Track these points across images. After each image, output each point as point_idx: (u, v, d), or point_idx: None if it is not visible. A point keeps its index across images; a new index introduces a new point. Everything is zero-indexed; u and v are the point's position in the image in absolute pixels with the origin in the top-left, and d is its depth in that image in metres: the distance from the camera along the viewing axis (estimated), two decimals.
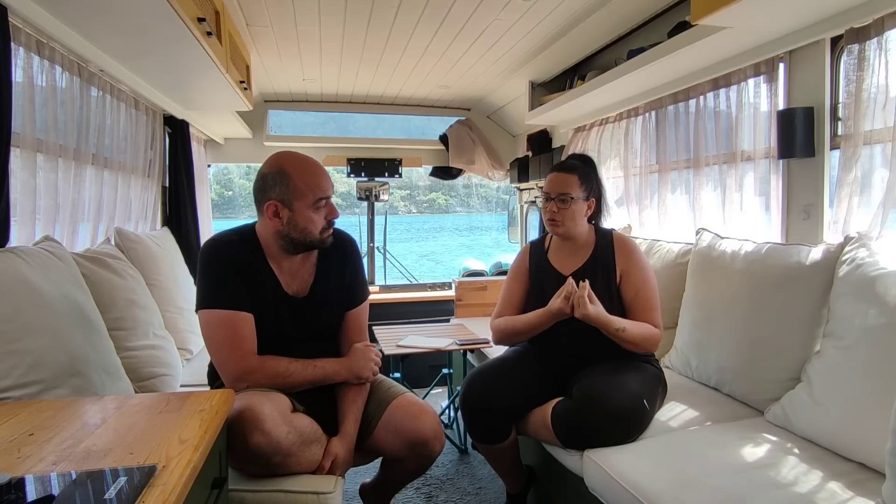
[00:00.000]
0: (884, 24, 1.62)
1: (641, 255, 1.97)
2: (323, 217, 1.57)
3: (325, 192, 1.56)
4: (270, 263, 1.60)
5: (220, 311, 1.50)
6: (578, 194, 1.93)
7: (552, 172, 1.99)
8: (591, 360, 1.88)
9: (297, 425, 1.43)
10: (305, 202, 1.54)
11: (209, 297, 1.52)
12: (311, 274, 1.66)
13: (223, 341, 1.51)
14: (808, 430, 1.56)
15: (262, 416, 1.33)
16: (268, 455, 1.35)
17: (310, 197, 1.54)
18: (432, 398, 3.45)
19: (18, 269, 1.43)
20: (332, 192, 1.59)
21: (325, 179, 1.58)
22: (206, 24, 1.89)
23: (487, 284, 3.62)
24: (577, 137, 3.46)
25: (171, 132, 3.00)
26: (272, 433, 1.34)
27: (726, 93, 2.26)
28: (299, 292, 1.63)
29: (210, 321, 1.52)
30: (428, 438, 1.61)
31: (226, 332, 1.50)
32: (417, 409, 1.64)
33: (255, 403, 1.34)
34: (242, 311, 1.52)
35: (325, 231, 1.59)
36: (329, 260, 1.68)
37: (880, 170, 1.71)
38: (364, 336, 1.74)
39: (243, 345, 1.51)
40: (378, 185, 4.60)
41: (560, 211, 1.92)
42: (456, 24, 2.66)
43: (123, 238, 2.32)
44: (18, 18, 1.61)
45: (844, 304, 1.58)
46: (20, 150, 1.72)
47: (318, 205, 1.55)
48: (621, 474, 1.49)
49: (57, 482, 0.85)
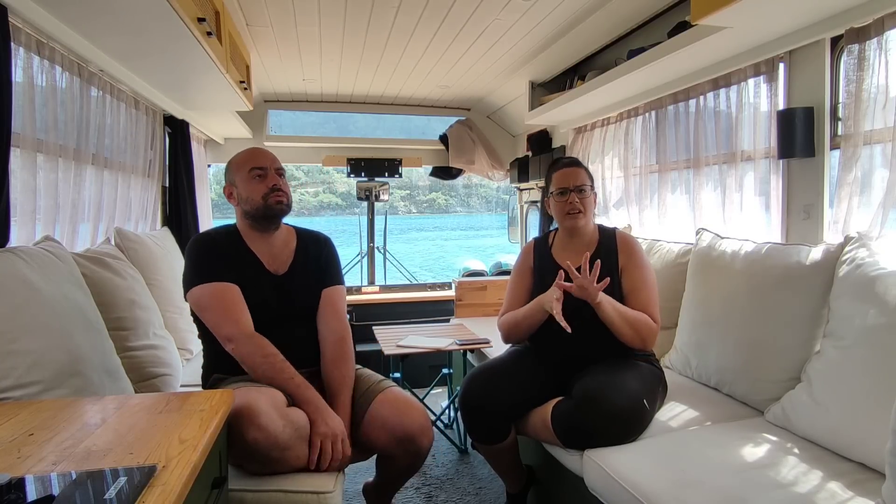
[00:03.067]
0: (884, 24, 1.62)
1: (643, 253, 1.99)
2: (265, 185, 1.72)
3: (258, 163, 1.75)
4: (251, 246, 1.77)
5: (209, 283, 1.64)
6: (590, 185, 1.99)
7: (562, 168, 2.02)
8: (591, 359, 1.88)
9: (293, 418, 1.46)
10: (242, 175, 1.75)
11: (197, 276, 1.66)
12: (290, 256, 1.81)
13: (217, 306, 1.63)
14: (808, 430, 1.56)
15: (257, 411, 1.35)
16: (266, 449, 1.37)
17: (245, 168, 1.75)
18: (432, 398, 3.45)
19: (18, 268, 1.43)
20: (268, 164, 1.75)
21: (262, 154, 1.77)
22: (206, 24, 1.89)
23: (487, 284, 3.63)
24: (578, 137, 3.46)
25: (171, 132, 3.00)
26: (269, 427, 1.36)
27: (726, 93, 2.27)
28: (279, 270, 1.78)
29: (201, 294, 1.64)
30: (415, 434, 1.64)
31: (218, 299, 1.63)
32: (404, 404, 1.67)
33: (250, 400, 1.37)
34: (230, 283, 1.65)
35: (269, 196, 1.72)
36: (306, 247, 1.85)
37: (880, 170, 1.71)
38: (342, 319, 1.80)
39: (235, 308, 1.63)
40: (378, 185, 4.60)
41: (581, 201, 1.96)
42: (456, 24, 2.66)
43: (123, 238, 2.32)
44: (18, 18, 1.61)
45: (844, 304, 1.58)
46: (20, 150, 1.72)
47: (252, 174, 1.73)
48: (621, 474, 1.49)
49: (57, 482, 0.85)
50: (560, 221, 2.02)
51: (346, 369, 1.70)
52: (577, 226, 1.98)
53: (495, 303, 3.51)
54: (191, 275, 1.67)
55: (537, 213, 4.23)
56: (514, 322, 1.98)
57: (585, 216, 1.98)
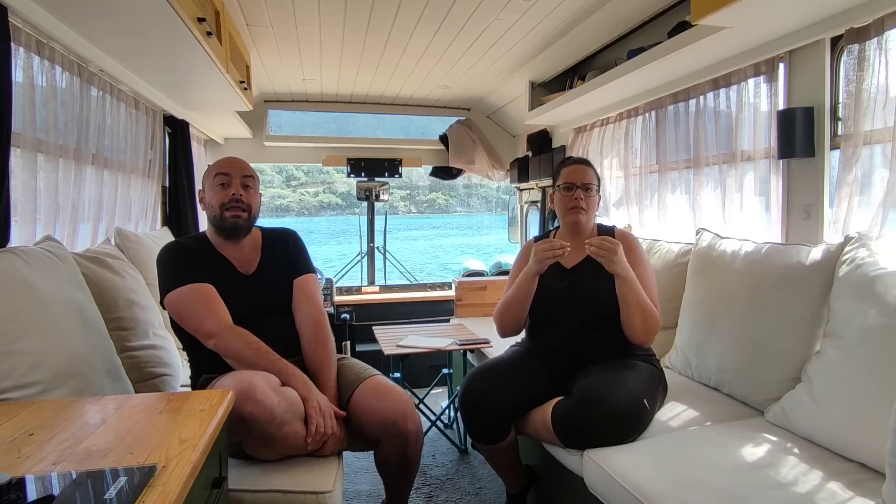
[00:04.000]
0: (884, 24, 1.62)
1: (642, 250, 2.00)
2: (226, 194, 1.73)
3: (224, 169, 1.75)
4: (220, 251, 1.80)
5: (185, 286, 1.66)
6: (595, 186, 2.00)
7: (572, 165, 2.04)
8: (591, 359, 1.88)
9: (287, 395, 1.51)
10: (210, 182, 1.77)
11: (171, 281, 1.67)
12: (258, 256, 1.85)
13: (195, 305, 1.64)
14: (808, 430, 1.56)
15: (253, 386, 1.40)
16: (263, 424, 1.40)
17: (212, 174, 1.77)
18: (432, 398, 3.45)
19: (18, 269, 1.43)
20: (234, 172, 1.75)
21: (231, 162, 1.78)
22: (206, 24, 1.89)
23: (487, 284, 3.63)
24: (578, 137, 3.46)
25: (171, 132, 2.99)
26: (265, 402, 1.40)
27: (726, 93, 2.27)
28: (249, 270, 1.82)
29: (178, 297, 1.65)
30: (396, 418, 1.66)
31: (195, 299, 1.65)
32: (384, 390, 1.71)
33: (245, 377, 1.42)
34: (205, 283, 1.67)
35: (226, 207, 1.73)
36: (272, 245, 1.88)
37: (880, 170, 1.71)
38: (316, 304, 1.83)
39: (213, 303, 1.65)
40: (378, 185, 4.60)
41: (585, 199, 1.97)
42: (456, 24, 2.66)
43: (123, 238, 2.32)
44: (18, 18, 1.61)
45: (844, 304, 1.58)
46: (20, 150, 1.72)
47: (217, 180, 1.74)
48: (621, 474, 1.49)
49: (57, 482, 0.85)
50: (562, 216, 2.03)
51: (326, 352, 1.75)
52: (579, 221, 1.99)
53: (495, 303, 3.48)
54: (165, 280, 1.69)
55: (537, 213, 4.23)
56: (504, 306, 2.01)
57: (587, 214, 1.99)
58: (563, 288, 1.96)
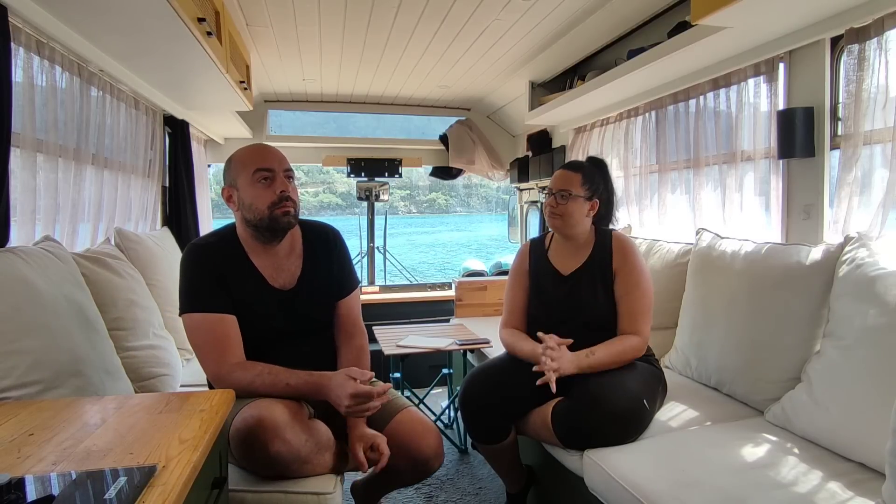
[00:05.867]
0: (884, 24, 1.62)
1: (639, 256, 1.95)
2: (272, 191, 1.53)
3: (265, 164, 1.54)
4: (252, 259, 1.60)
5: (202, 314, 1.51)
6: (579, 192, 1.93)
7: (560, 170, 2.02)
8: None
9: (315, 433, 1.45)
10: (246, 178, 1.54)
11: (191, 302, 1.53)
12: (298, 266, 1.65)
13: (204, 344, 1.52)
14: (808, 430, 1.56)
15: (281, 424, 1.34)
16: (287, 462, 1.37)
17: (249, 169, 1.54)
18: (432, 398, 3.45)
19: (18, 269, 1.43)
20: (276, 166, 1.55)
21: (269, 153, 1.56)
22: (206, 24, 1.89)
23: (487, 284, 3.63)
24: (578, 137, 3.46)
25: (171, 132, 2.99)
26: (293, 442, 1.36)
27: (726, 93, 2.26)
28: (286, 285, 1.62)
29: (192, 325, 1.53)
30: (429, 458, 1.62)
31: (207, 336, 1.52)
32: (422, 427, 1.63)
33: (274, 412, 1.35)
34: (224, 314, 1.52)
35: (276, 206, 1.53)
36: (314, 252, 1.68)
37: (880, 170, 1.71)
38: (357, 325, 1.73)
39: (222, 348, 1.51)
40: (378, 185, 4.60)
41: (559, 206, 1.94)
42: (456, 24, 2.66)
43: (123, 238, 2.32)
44: (18, 18, 1.61)
45: (844, 304, 1.57)
46: (20, 150, 1.72)
47: (257, 177, 1.53)
48: (621, 474, 1.49)
49: (57, 482, 0.85)
50: (546, 219, 2.03)
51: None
52: (554, 226, 1.98)
53: (495, 303, 3.51)
54: (185, 297, 1.54)
55: (537, 213, 4.24)
56: (512, 350, 1.98)
57: (561, 219, 1.94)
58: (560, 295, 1.96)
